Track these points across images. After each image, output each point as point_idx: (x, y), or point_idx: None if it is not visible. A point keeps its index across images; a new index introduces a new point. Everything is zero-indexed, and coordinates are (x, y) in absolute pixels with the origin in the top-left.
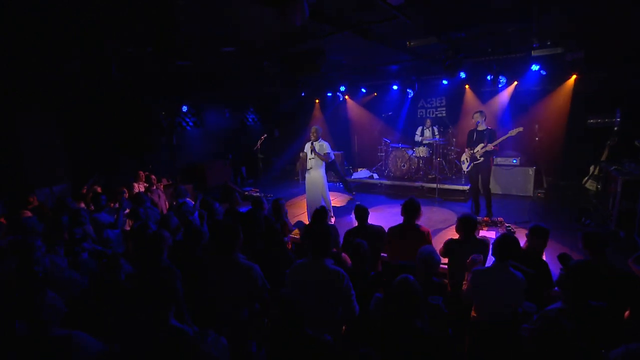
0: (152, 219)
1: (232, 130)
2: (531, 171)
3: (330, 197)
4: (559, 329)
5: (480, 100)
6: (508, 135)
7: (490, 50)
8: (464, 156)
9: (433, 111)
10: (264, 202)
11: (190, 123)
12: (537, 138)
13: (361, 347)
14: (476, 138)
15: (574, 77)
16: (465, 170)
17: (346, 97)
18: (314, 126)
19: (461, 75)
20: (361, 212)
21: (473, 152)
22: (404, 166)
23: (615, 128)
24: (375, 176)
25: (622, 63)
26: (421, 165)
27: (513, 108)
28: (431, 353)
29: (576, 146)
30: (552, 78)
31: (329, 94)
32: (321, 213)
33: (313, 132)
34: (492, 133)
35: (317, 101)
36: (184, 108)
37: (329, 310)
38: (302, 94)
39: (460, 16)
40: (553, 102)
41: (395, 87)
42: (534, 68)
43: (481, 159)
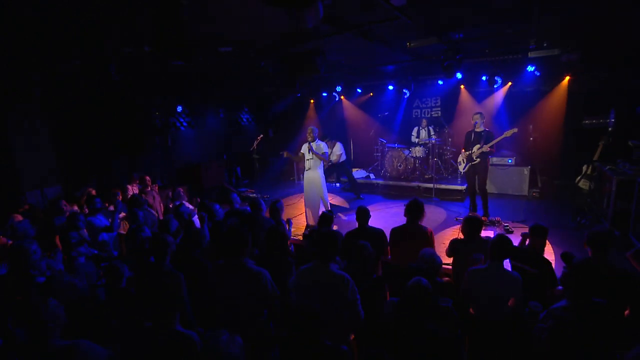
0: (149, 222)
1: (227, 130)
2: (526, 171)
3: (328, 198)
4: (571, 327)
5: (475, 100)
6: (503, 136)
7: (487, 51)
8: (461, 157)
9: (428, 111)
10: (262, 204)
11: (184, 123)
12: (532, 138)
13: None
14: (474, 139)
15: (568, 78)
16: (462, 171)
17: (342, 97)
18: (310, 127)
19: (457, 75)
20: (362, 214)
21: (470, 153)
22: (401, 166)
23: (609, 128)
24: (371, 176)
25: (617, 64)
26: (417, 165)
27: (507, 108)
28: (443, 355)
29: (570, 146)
30: (546, 79)
31: (325, 94)
32: (327, 218)
33: (309, 133)
34: (490, 135)
35: (312, 101)
36: (179, 108)
37: (335, 315)
38: (298, 95)
39: (460, 17)
40: (547, 103)
41: (391, 88)
42: (530, 69)
43: (477, 160)
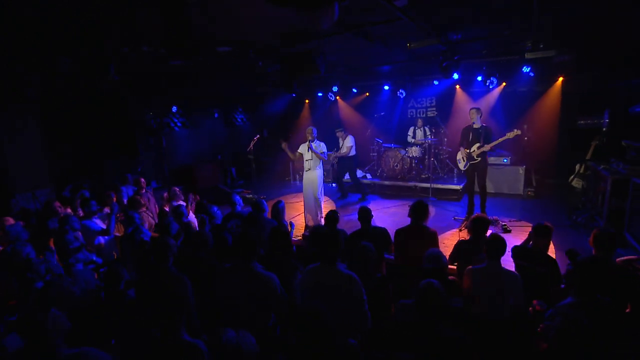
0: (147, 224)
1: (221, 130)
2: (521, 170)
3: (322, 198)
4: (578, 324)
5: (470, 100)
6: (505, 137)
7: (484, 52)
8: (460, 154)
9: (423, 111)
10: (265, 205)
11: (178, 124)
12: (526, 138)
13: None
14: (472, 136)
15: (561, 79)
16: (462, 169)
17: (337, 98)
18: (310, 127)
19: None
20: (365, 214)
21: (469, 152)
22: (397, 166)
23: (603, 129)
24: (368, 176)
25: (610, 65)
26: (414, 165)
27: (502, 108)
28: (457, 356)
29: (564, 146)
30: (540, 79)
31: (320, 94)
32: (332, 217)
33: (309, 132)
34: (488, 130)
35: (307, 101)
36: (174, 108)
37: (342, 316)
38: (294, 95)
39: (460, 17)
40: (541, 103)
41: (386, 88)
42: (525, 70)
43: (478, 159)
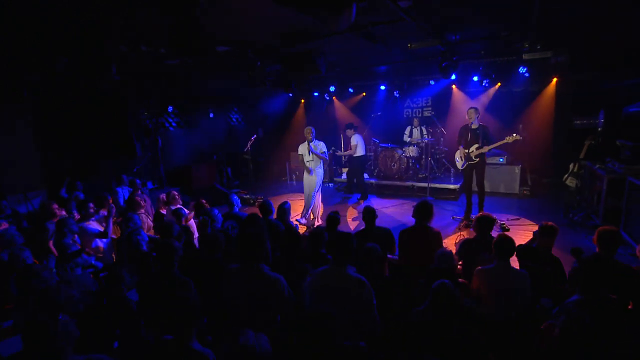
0: (146, 226)
1: (216, 130)
2: (517, 169)
3: (320, 199)
4: (584, 321)
5: (466, 100)
6: (505, 141)
7: (482, 52)
8: (458, 154)
9: (419, 111)
10: (272, 207)
11: (173, 124)
12: (521, 138)
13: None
14: (471, 136)
15: (555, 80)
16: (460, 168)
17: (333, 97)
18: (309, 126)
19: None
20: (370, 214)
21: (468, 153)
22: (394, 166)
23: (599, 129)
24: (365, 176)
25: (604, 66)
26: (411, 164)
27: (497, 108)
28: (471, 356)
29: (558, 145)
30: (534, 80)
31: (316, 94)
32: (333, 219)
33: (308, 132)
34: (486, 130)
35: (303, 101)
36: (169, 108)
37: (351, 319)
38: (291, 95)
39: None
40: (536, 103)
41: (383, 88)
42: (521, 70)
43: (477, 160)
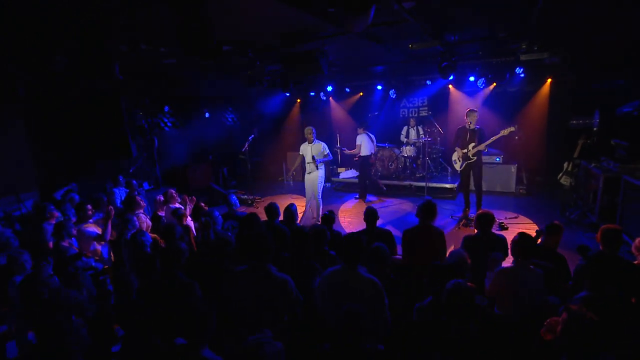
0: (145, 226)
1: (212, 130)
2: (513, 169)
3: (322, 200)
4: (582, 319)
5: (462, 100)
6: (500, 135)
7: (480, 53)
8: (455, 155)
9: (415, 111)
10: (278, 210)
11: (168, 123)
12: (517, 137)
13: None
14: (469, 137)
15: (549, 81)
16: (458, 169)
17: (329, 97)
18: (309, 127)
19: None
20: (371, 215)
21: (465, 152)
22: (392, 165)
23: (594, 128)
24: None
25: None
26: (408, 164)
27: (493, 108)
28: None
29: (553, 144)
30: (529, 80)
31: (312, 93)
32: (328, 218)
33: (309, 133)
34: (482, 132)
35: (299, 101)
36: (166, 108)
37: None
38: (288, 94)
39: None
40: (531, 103)
41: (379, 88)
42: (518, 71)
43: (474, 158)
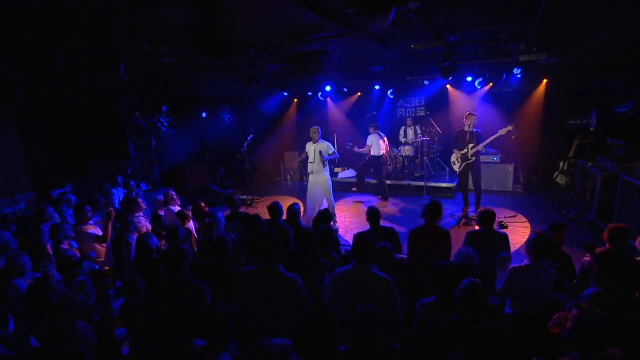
0: (144, 229)
1: (209, 130)
2: (510, 168)
3: (335, 201)
4: (597, 315)
5: (459, 100)
6: (498, 134)
7: (480, 53)
8: (454, 156)
9: (412, 110)
10: (282, 210)
11: (165, 123)
12: (513, 137)
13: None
14: (468, 139)
15: (545, 81)
16: (457, 170)
17: (327, 97)
18: (314, 126)
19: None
20: (374, 214)
21: (464, 153)
22: (390, 165)
23: (591, 128)
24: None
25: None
26: (406, 163)
27: (490, 108)
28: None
29: (548, 144)
30: (526, 81)
31: (309, 93)
32: (324, 215)
33: (314, 132)
34: (480, 135)
35: (296, 100)
36: (164, 108)
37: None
38: (286, 94)
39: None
40: (527, 103)
41: (377, 87)
42: (516, 72)
43: (473, 159)
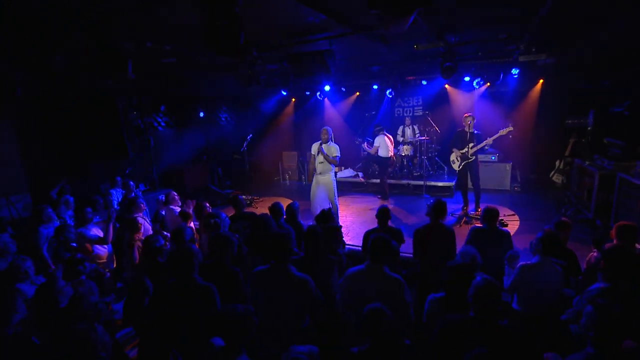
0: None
1: (206, 130)
2: (508, 167)
3: (338, 203)
4: (613, 309)
5: (457, 100)
6: (499, 134)
7: (480, 54)
8: (454, 156)
9: (410, 110)
10: (283, 209)
11: (162, 123)
12: (511, 136)
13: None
14: (468, 139)
15: (541, 81)
16: (457, 169)
17: (325, 97)
18: (325, 127)
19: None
20: (384, 214)
21: (464, 152)
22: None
23: (589, 127)
24: (360, 175)
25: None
26: (405, 163)
27: (487, 108)
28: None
29: (546, 143)
30: (523, 81)
31: (307, 93)
32: (326, 215)
33: (324, 134)
34: (480, 135)
35: (293, 100)
36: (162, 107)
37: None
38: (284, 94)
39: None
40: (524, 103)
41: (375, 87)
42: (514, 72)
43: (472, 158)
